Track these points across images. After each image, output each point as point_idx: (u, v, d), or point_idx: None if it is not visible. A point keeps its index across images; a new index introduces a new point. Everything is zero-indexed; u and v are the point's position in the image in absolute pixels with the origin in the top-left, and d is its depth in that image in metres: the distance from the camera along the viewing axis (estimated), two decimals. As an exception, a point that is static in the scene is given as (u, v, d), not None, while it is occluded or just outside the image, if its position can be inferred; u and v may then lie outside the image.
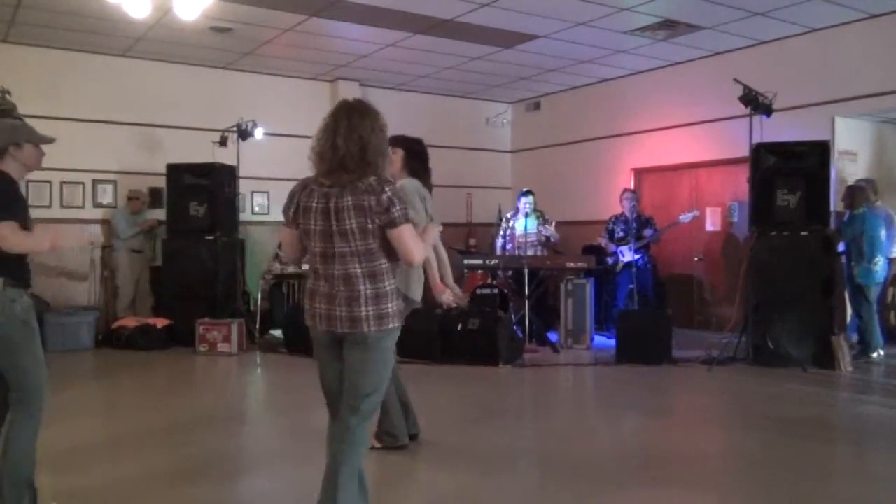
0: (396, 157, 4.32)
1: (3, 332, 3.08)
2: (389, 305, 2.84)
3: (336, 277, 2.81)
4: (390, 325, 2.83)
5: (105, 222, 9.11)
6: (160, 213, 9.11)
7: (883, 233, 7.37)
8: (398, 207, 2.77)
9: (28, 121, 8.52)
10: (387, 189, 2.77)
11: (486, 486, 3.40)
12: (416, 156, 4.44)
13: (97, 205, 9.13)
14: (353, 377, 2.83)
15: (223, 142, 8.79)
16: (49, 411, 5.10)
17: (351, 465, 2.78)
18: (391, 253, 2.85)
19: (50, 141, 3.43)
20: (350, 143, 2.78)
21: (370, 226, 2.76)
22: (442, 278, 4.28)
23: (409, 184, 4.31)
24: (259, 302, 9.14)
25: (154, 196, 9.27)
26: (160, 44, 8.67)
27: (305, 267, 9.71)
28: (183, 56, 9.24)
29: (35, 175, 8.67)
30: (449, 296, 4.26)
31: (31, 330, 3.18)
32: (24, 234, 3.10)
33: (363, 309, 2.79)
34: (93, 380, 7.05)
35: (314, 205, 2.81)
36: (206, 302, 8.36)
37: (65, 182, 8.87)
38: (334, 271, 2.81)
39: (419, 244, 2.87)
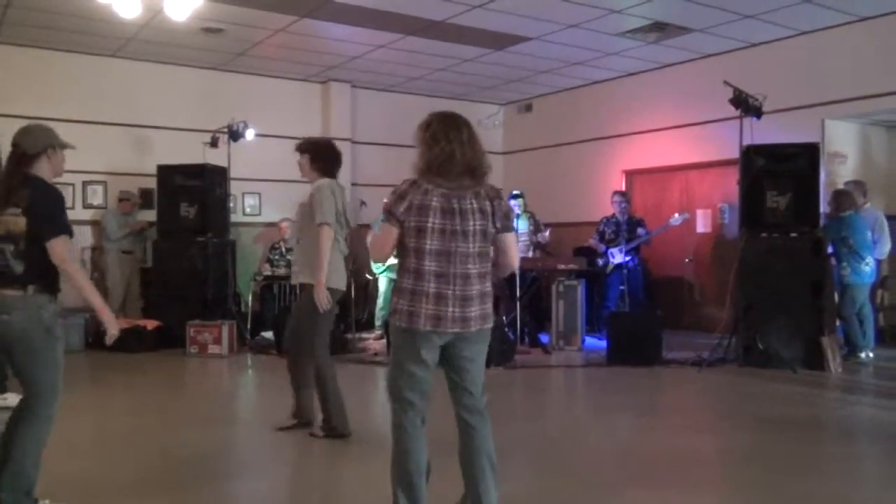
0: (304, 160, 4.67)
1: (25, 335, 3.11)
2: (489, 305, 3.06)
3: (457, 276, 2.93)
4: (491, 324, 3.06)
5: (95, 223, 9.07)
6: (151, 215, 9.08)
7: (869, 235, 7.43)
8: (512, 216, 3.11)
9: (17, 121, 8.46)
10: (503, 197, 3.08)
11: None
12: (322, 158, 4.69)
13: (87, 206, 9.09)
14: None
15: (214, 143, 8.76)
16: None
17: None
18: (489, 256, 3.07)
19: (71, 147, 3.50)
20: (475, 152, 3.00)
21: (490, 229, 2.99)
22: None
23: (326, 183, 4.57)
24: (250, 303, 9.12)
25: (145, 197, 9.24)
26: (151, 44, 8.64)
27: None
28: (174, 56, 9.21)
29: (24, 176, 8.65)
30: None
31: (52, 338, 3.18)
32: (77, 265, 3.22)
33: (475, 308, 2.97)
34: (83, 382, 6.99)
35: (434, 203, 2.92)
36: (197, 303, 8.33)
37: (54, 183, 8.81)
38: (455, 270, 2.93)
39: (517, 252, 3.18)
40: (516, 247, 3.17)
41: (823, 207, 7.59)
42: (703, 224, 9.52)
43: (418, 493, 2.98)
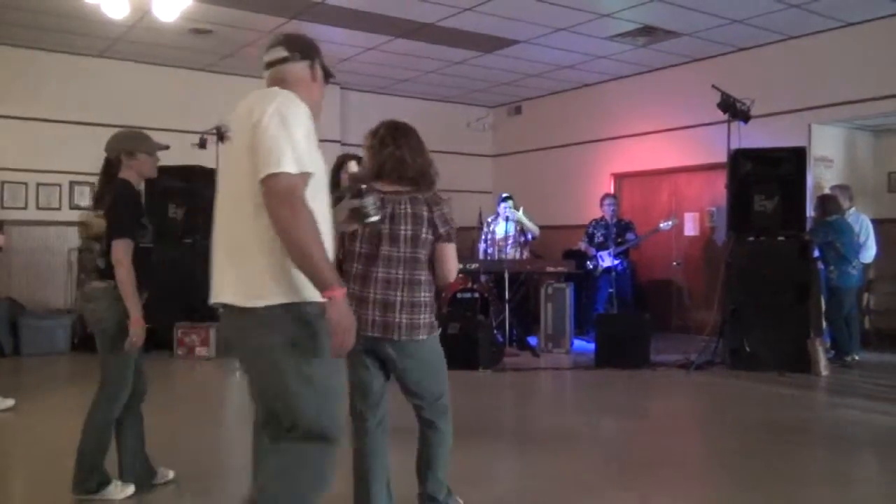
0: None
1: (101, 324, 3.46)
2: (423, 316, 2.95)
3: (378, 280, 2.92)
4: (420, 336, 2.95)
5: (82, 224, 8.99)
6: (138, 216, 9.01)
7: (855, 239, 7.49)
8: (452, 226, 3.02)
9: (3, 121, 8.42)
10: (444, 206, 3.03)
11: (464, 491, 3.41)
12: None
13: (74, 206, 9.01)
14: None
15: (202, 144, 8.71)
16: (22, 416, 5.03)
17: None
18: (430, 265, 3.01)
19: (163, 147, 3.75)
20: (417, 159, 3.00)
21: (423, 235, 2.95)
22: None
23: None
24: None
25: (132, 198, 9.17)
26: (139, 45, 8.60)
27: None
28: (162, 57, 9.17)
29: (11, 176, 8.61)
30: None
31: (127, 328, 3.45)
32: (129, 271, 3.37)
33: (400, 315, 2.91)
34: (68, 384, 6.95)
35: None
36: (184, 305, 8.29)
37: (41, 184, 8.77)
38: (377, 275, 2.92)
39: (456, 264, 3.08)
40: (455, 259, 3.05)
41: (810, 211, 7.65)
42: (691, 227, 9.56)
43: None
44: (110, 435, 3.53)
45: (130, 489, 3.56)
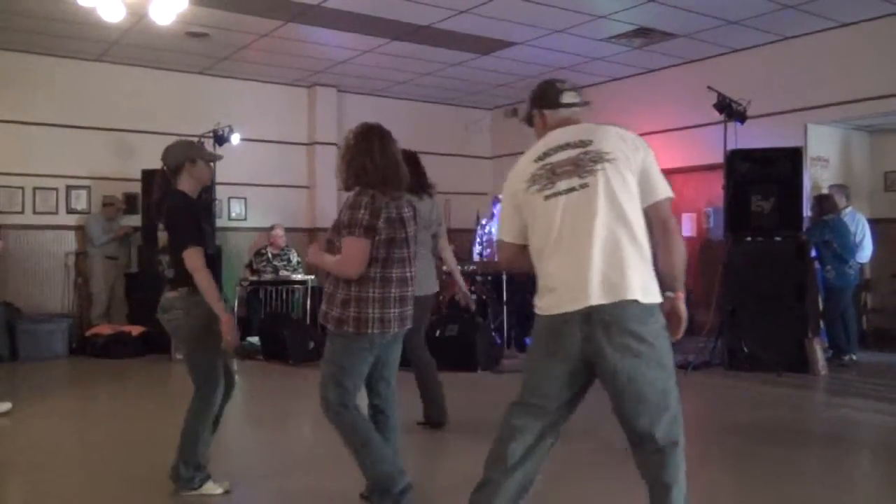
0: None
1: (179, 332, 3.60)
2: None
3: (411, 280, 3.22)
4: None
5: (79, 228, 9.00)
6: (135, 220, 9.01)
7: (852, 238, 7.50)
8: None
9: (1, 126, 8.40)
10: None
11: (463, 489, 3.41)
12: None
13: (71, 211, 9.02)
14: None
15: (199, 147, 8.72)
16: (21, 420, 5.02)
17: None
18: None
19: (218, 158, 3.92)
20: (402, 163, 3.21)
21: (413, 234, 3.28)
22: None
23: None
24: (235, 309, 9.08)
25: (129, 202, 9.18)
26: (135, 48, 8.59)
27: (280, 275, 9.53)
28: (158, 61, 9.16)
29: (7, 181, 8.60)
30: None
31: (207, 331, 3.53)
32: (208, 277, 3.44)
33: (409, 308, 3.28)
34: (66, 388, 6.95)
35: (394, 215, 3.11)
36: (182, 309, 8.28)
37: (38, 188, 8.75)
38: (409, 274, 3.20)
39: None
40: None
41: (807, 211, 7.66)
42: (688, 228, 9.57)
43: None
44: (209, 432, 3.67)
45: (226, 485, 3.71)
